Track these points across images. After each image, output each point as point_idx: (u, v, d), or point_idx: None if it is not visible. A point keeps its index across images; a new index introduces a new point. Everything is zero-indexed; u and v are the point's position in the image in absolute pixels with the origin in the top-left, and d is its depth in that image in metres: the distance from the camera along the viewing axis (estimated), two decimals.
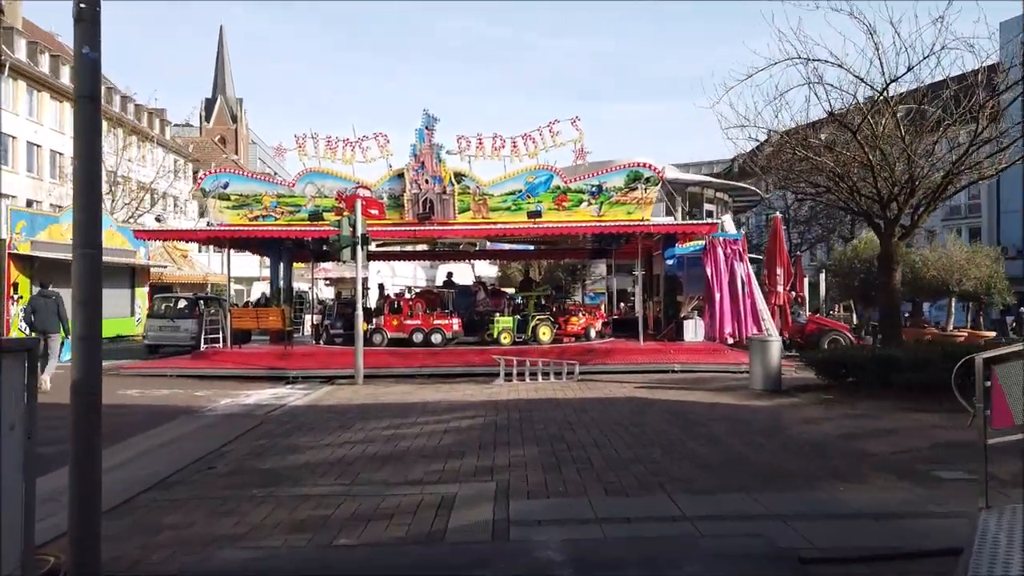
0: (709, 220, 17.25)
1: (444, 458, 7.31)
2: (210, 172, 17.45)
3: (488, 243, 26.91)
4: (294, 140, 16.75)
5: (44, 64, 39.83)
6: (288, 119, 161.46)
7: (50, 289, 13.60)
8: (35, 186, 37.78)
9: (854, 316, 28.31)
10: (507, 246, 30.26)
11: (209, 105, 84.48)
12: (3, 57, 34.70)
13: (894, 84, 10.63)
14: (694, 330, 17.95)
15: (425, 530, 5.03)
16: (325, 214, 17.12)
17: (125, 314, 27.91)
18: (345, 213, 14.52)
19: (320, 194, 17.20)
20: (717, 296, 18.36)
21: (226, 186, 17.07)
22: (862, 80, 10.75)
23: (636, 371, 14.84)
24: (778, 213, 21.77)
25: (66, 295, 12.32)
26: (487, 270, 44.58)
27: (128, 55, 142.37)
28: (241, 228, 16.66)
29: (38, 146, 38.82)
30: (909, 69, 10.08)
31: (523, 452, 7.49)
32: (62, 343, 13.35)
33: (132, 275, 28.93)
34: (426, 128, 16.77)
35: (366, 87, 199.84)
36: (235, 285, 47.26)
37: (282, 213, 17.23)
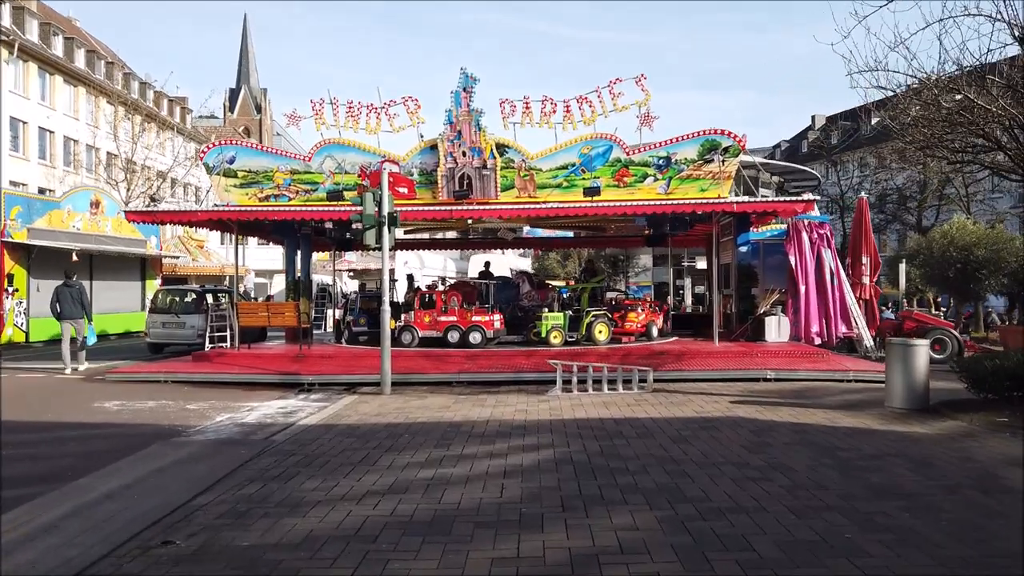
0: (804, 197, 14.51)
1: (514, 528, 4.84)
2: (214, 144, 15.11)
3: (526, 229, 24.36)
4: (310, 106, 14.39)
5: (57, 47, 38.06)
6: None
7: (74, 280, 14.91)
8: (47, 173, 36.01)
9: (931, 310, 25.39)
10: (544, 232, 27.71)
11: (233, 95, 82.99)
12: (10, 36, 32.89)
13: None
14: (777, 328, 15.26)
15: None
16: (346, 193, 14.74)
17: (135, 308, 25.89)
18: (369, 189, 12.08)
19: (340, 170, 14.81)
20: (802, 289, 15.73)
21: (232, 160, 14.74)
22: None
23: (719, 379, 12.26)
24: (863, 194, 18.98)
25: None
26: (516, 262, 41.99)
27: (154, 47, 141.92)
28: (248, 209, 14.32)
29: (51, 132, 37.06)
30: None
31: (632, 519, 4.98)
32: (86, 329, 14.61)
33: (143, 266, 26.96)
34: (463, 90, 14.26)
35: (392, 81, 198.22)
36: (257, 278, 45.57)
37: (297, 192, 14.89)
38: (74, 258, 21.09)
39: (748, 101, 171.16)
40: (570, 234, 25.33)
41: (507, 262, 37.02)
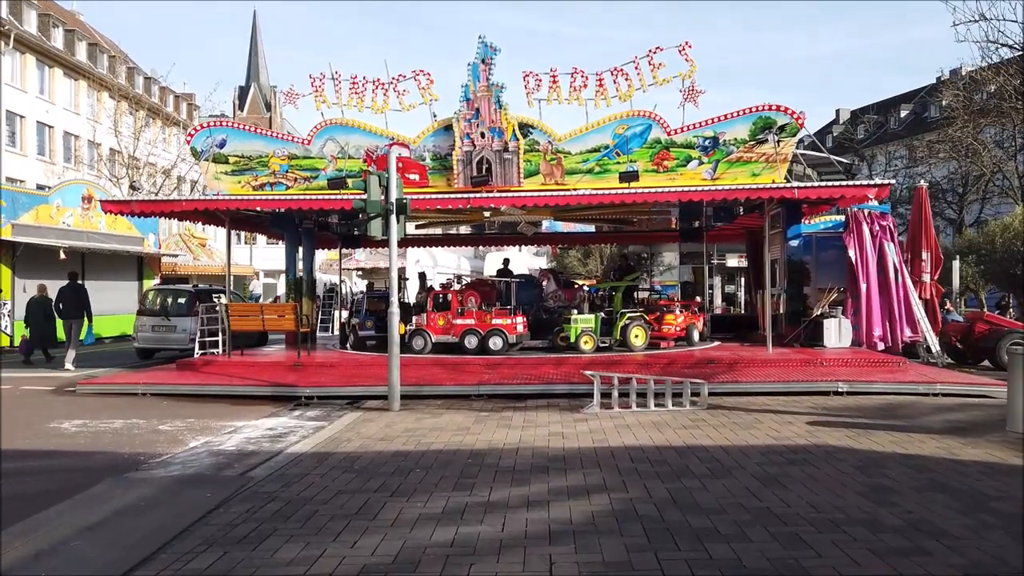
0: (877, 180, 12.74)
1: None
2: (202, 127, 13.53)
3: (545, 224, 22.68)
4: (310, 83, 12.78)
5: (57, 39, 36.72)
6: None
7: (78, 282, 15.59)
8: (47, 170, 34.68)
9: (983, 310, 23.51)
10: (564, 227, 26.04)
11: (243, 93, 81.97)
12: (6, 27, 31.57)
13: None
14: (837, 332, 13.48)
15: None
16: (350, 180, 13.12)
17: (131, 310, 24.31)
18: (375, 173, 10.42)
19: (343, 154, 13.21)
20: (863, 287, 13.95)
21: (223, 144, 13.16)
22: None
23: (781, 392, 10.51)
24: (923, 182, 17.15)
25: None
26: (532, 261, 40.19)
27: (162, 46, 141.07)
28: (239, 198, 12.71)
29: (50, 127, 35.74)
30: None
31: None
32: (84, 329, 14.99)
33: (140, 265, 25.50)
34: (482, 62, 12.60)
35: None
36: (266, 278, 44.11)
37: (295, 179, 13.29)
38: (61, 256, 19.62)
39: (751, 99, 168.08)
40: (592, 229, 23.72)
41: (523, 261, 35.29)
